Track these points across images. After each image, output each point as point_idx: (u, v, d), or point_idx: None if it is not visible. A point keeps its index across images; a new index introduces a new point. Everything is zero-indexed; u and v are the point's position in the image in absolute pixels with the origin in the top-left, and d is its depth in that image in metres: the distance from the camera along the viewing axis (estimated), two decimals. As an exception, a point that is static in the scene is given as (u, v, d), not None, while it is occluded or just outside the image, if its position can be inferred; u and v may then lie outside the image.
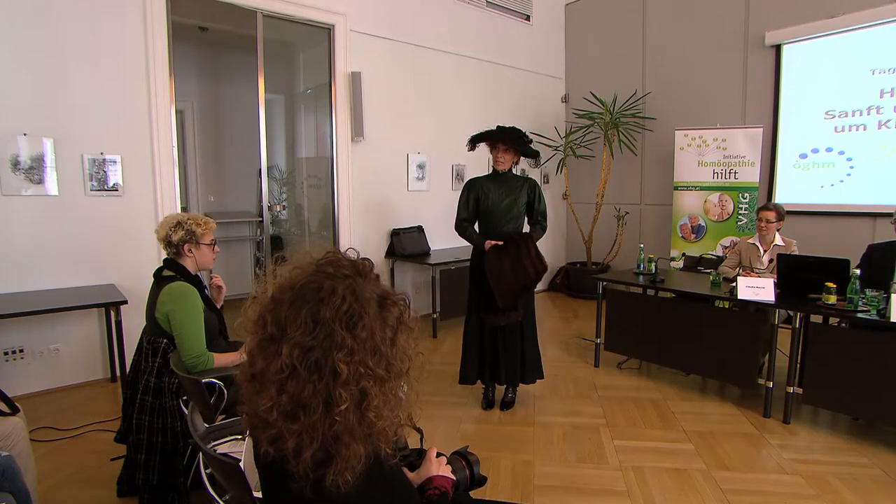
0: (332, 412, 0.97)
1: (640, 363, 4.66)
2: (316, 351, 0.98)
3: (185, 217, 2.58)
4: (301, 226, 6.69)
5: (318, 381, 0.97)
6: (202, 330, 2.44)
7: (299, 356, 0.97)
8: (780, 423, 3.52)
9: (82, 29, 4.04)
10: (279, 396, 0.98)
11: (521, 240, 3.61)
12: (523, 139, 3.66)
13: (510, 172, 3.75)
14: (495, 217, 3.72)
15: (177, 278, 2.50)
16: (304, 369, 0.97)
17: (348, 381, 0.98)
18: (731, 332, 3.79)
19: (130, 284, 4.18)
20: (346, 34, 5.50)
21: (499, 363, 3.74)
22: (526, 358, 3.79)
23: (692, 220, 6.30)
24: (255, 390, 1.03)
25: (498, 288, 3.55)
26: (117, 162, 4.23)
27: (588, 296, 7.02)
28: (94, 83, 4.10)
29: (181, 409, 2.44)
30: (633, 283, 4.48)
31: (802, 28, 5.63)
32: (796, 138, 5.82)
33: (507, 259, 3.55)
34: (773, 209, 4.19)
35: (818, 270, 3.50)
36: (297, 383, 0.97)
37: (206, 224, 2.60)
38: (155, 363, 2.46)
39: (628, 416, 3.66)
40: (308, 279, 1.04)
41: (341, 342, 0.98)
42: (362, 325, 1.00)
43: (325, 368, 0.98)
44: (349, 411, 0.98)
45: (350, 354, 0.98)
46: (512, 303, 3.59)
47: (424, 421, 3.49)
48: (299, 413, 0.97)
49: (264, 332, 1.03)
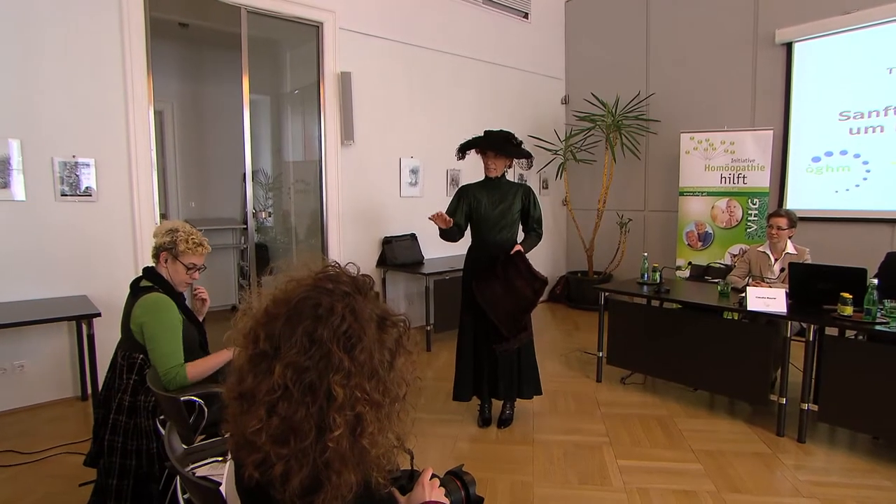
0: (325, 438, 0.96)
1: (645, 378, 4.64)
2: (311, 372, 0.96)
3: (181, 228, 2.56)
4: (288, 233, 6.67)
5: (312, 403, 0.96)
6: (178, 343, 2.40)
7: (293, 377, 0.96)
8: (794, 443, 3.50)
9: (53, 23, 4.00)
10: (269, 418, 0.97)
11: (507, 261, 3.62)
12: (512, 142, 3.67)
13: (503, 178, 3.77)
14: (488, 225, 3.72)
15: (154, 289, 2.48)
16: (297, 391, 0.96)
17: (343, 406, 0.97)
18: (741, 345, 3.77)
19: (105, 296, 4.13)
20: (336, 32, 5.50)
21: (497, 377, 3.73)
22: (522, 372, 3.78)
23: (699, 227, 6.30)
24: (243, 409, 1.01)
25: (497, 316, 3.55)
26: (91, 165, 4.19)
27: (589, 307, 7.00)
28: (66, 81, 4.07)
29: (157, 430, 2.40)
30: (637, 294, 4.47)
31: (815, 25, 5.65)
32: (809, 141, 5.84)
33: (497, 284, 3.57)
34: (784, 215, 4.19)
35: (833, 280, 3.49)
36: (289, 405, 0.96)
37: (195, 246, 2.54)
38: (130, 380, 2.42)
39: (633, 435, 3.63)
40: (305, 294, 1.02)
41: (338, 364, 0.97)
42: (361, 348, 0.99)
43: (320, 391, 0.96)
44: (343, 437, 0.96)
45: (347, 377, 0.97)
46: (515, 328, 3.59)
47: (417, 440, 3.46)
48: (290, 437, 0.96)
49: (256, 348, 1.01)
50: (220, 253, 6.95)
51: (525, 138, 7.27)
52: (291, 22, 5.32)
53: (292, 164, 6.53)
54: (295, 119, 6.50)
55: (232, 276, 7.12)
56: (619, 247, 7.17)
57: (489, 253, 3.70)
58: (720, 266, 5.29)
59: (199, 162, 6.98)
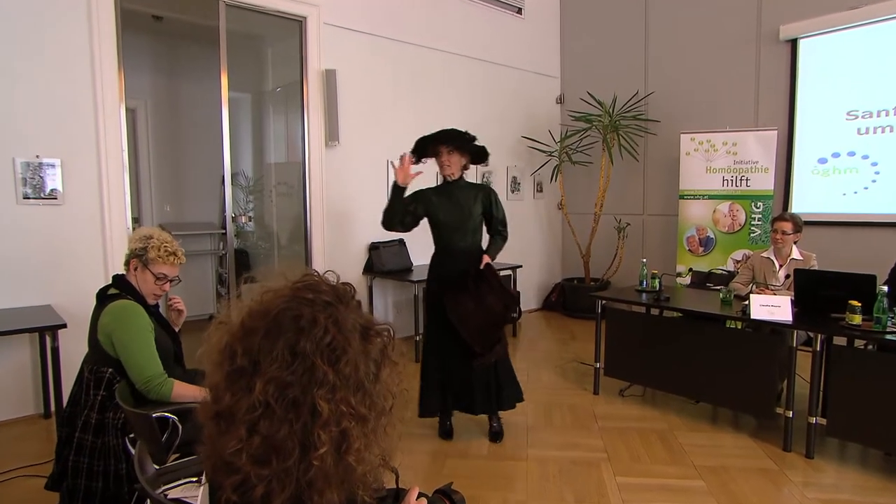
0: (310, 456, 0.95)
1: (644, 390, 4.63)
2: (294, 387, 0.95)
3: (157, 235, 2.54)
4: (269, 238, 6.65)
5: (296, 420, 0.95)
6: (153, 349, 2.39)
7: (275, 393, 0.95)
8: (802, 458, 3.49)
9: (14, 14, 3.94)
10: (250, 437, 0.95)
11: (478, 276, 3.62)
12: (465, 136, 3.69)
13: (461, 180, 3.77)
14: (450, 231, 3.72)
15: (122, 296, 2.46)
16: (279, 407, 0.95)
17: (329, 422, 0.96)
18: (745, 355, 3.76)
19: (71, 306, 4.06)
20: (320, 27, 5.48)
21: (472, 390, 3.69)
22: (501, 379, 3.74)
23: (700, 231, 6.31)
24: (220, 430, 0.99)
25: (469, 333, 3.53)
26: (56, 166, 4.14)
27: (586, 315, 6.98)
28: (29, 76, 4.01)
29: (127, 449, 2.37)
30: (636, 302, 4.47)
31: (821, 20, 5.68)
32: (815, 141, 5.86)
33: (469, 299, 3.56)
34: (789, 220, 4.19)
35: (840, 287, 3.49)
36: (271, 423, 0.95)
37: (167, 255, 2.51)
38: (98, 396, 2.39)
39: (632, 450, 3.62)
40: (285, 305, 1.01)
41: (323, 378, 0.96)
42: (346, 360, 0.98)
43: (304, 407, 0.95)
44: (328, 455, 0.95)
45: (332, 391, 0.96)
46: (488, 343, 3.58)
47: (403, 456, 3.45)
48: (272, 456, 0.94)
49: (233, 364, 0.99)
50: (197, 259, 6.92)
51: (518, 139, 7.35)
52: (273, 16, 5.30)
53: (274, 166, 6.51)
54: (277, 118, 6.48)
55: (210, 284, 7.09)
56: (617, 252, 7.18)
57: (456, 263, 3.69)
58: (722, 272, 5.29)
59: (175, 163, 6.94)
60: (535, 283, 7.80)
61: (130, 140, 4.81)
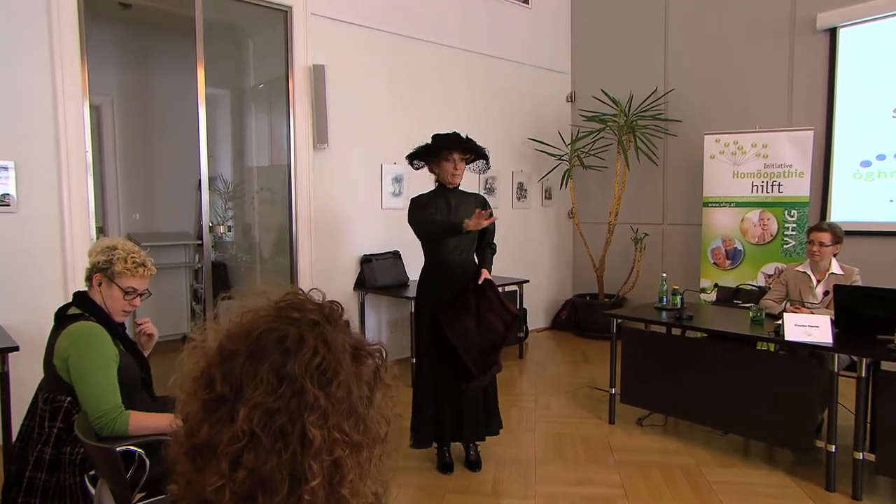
0: (300, 489, 0.93)
1: (666, 419, 4.60)
2: (282, 414, 0.93)
3: (120, 246, 2.52)
4: (251, 250, 6.68)
5: (285, 450, 0.93)
6: (113, 379, 2.36)
7: (260, 421, 0.93)
8: (848, 499, 3.43)
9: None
10: (233, 472, 0.93)
11: (478, 291, 3.69)
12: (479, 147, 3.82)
13: (458, 188, 3.87)
14: (450, 243, 3.76)
15: (84, 317, 2.44)
16: (266, 437, 0.93)
17: (321, 451, 0.94)
18: (779, 381, 3.73)
19: (25, 326, 3.99)
20: (307, 18, 5.49)
21: (462, 417, 3.75)
22: (489, 405, 3.85)
23: (726, 243, 6.30)
24: (197, 467, 0.96)
25: (468, 353, 3.58)
26: (9, 169, 4.12)
27: (600, 335, 6.95)
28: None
29: (86, 488, 2.34)
30: (655, 321, 4.49)
31: (863, 7, 5.65)
32: (857, 142, 5.85)
33: (469, 317, 3.63)
34: (827, 230, 4.18)
35: (887, 305, 3.48)
36: (257, 455, 0.93)
37: (135, 267, 2.50)
38: (54, 429, 2.37)
39: (652, 487, 3.60)
40: (267, 326, 1.00)
41: (313, 402, 0.94)
42: (338, 383, 0.97)
43: (293, 435, 0.94)
44: (320, 487, 0.93)
45: (324, 417, 0.95)
46: (486, 366, 3.64)
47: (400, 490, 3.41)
48: (258, 492, 0.92)
49: (211, 392, 0.97)
50: (169, 273, 6.94)
51: (525, 141, 7.35)
52: (254, 5, 5.31)
53: (256, 170, 6.53)
54: (260, 118, 6.51)
55: (184, 301, 7.11)
56: (634, 266, 7.18)
57: (454, 278, 3.75)
58: (752, 288, 5.27)
59: (146, 166, 6.97)
60: (543, 300, 7.80)
61: (95, 140, 4.81)
